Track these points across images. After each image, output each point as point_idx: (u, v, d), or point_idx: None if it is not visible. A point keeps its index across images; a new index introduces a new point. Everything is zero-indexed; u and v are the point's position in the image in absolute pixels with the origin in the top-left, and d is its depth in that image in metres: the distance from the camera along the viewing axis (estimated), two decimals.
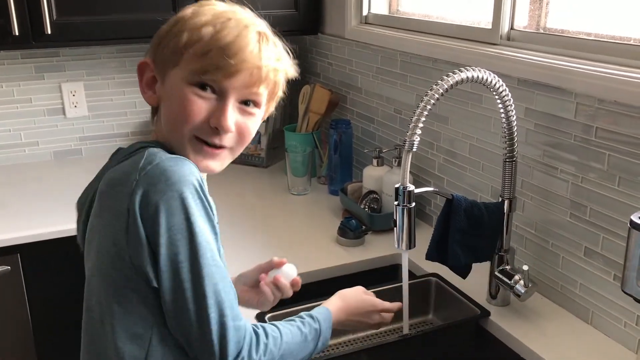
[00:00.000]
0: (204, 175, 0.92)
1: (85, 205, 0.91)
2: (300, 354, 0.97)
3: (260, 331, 0.91)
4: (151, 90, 0.91)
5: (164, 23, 0.92)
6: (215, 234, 0.86)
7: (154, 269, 0.82)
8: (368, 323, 1.18)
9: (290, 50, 0.95)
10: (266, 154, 2.30)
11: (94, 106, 2.30)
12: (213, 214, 0.86)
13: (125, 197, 0.80)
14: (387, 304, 1.20)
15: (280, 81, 0.92)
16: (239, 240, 1.66)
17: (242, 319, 0.87)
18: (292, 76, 0.95)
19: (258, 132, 2.30)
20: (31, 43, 1.87)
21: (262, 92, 0.90)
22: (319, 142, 2.12)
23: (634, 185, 1.15)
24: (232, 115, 0.87)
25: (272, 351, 0.90)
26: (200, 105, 0.86)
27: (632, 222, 0.87)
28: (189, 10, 0.90)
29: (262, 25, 0.91)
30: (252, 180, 2.19)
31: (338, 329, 1.10)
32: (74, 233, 1.66)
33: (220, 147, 0.89)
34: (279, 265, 1.12)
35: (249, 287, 1.13)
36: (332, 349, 1.38)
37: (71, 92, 2.25)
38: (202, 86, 0.86)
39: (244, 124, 0.90)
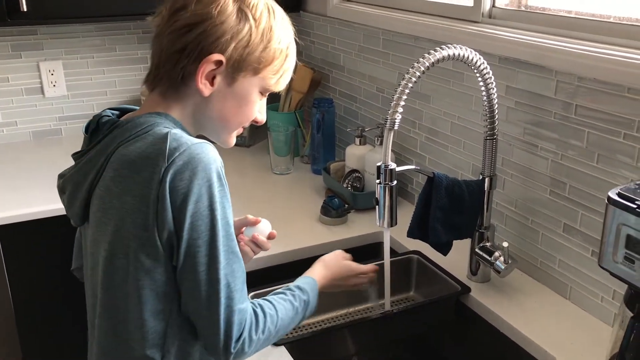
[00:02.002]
0: None
1: (86, 183, 0.90)
2: (291, 325, 1.02)
3: (259, 310, 0.95)
4: (208, 82, 0.92)
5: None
6: (231, 212, 0.91)
7: (177, 250, 0.86)
8: (347, 285, 1.25)
9: None
10: (248, 133, 2.29)
11: (74, 85, 2.27)
12: None
13: (155, 184, 0.83)
14: (363, 267, 1.26)
15: None
16: None
17: (246, 301, 0.92)
18: None
19: None
20: (6, 21, 1.84)
21: None
22: (301, 121, 2.11)
23: (612, 162, 1.16)
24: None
25: (270, 329, 0.95)
26: (258, 106, 1.00)
27: (609, 199, 0.88)
28: (266, 15, 0.93)
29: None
30: (234, 160, 2.18)
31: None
32: (54, 214, 1.67)
33: None
34: (254, 223, 1.16)
35: None
36: (315, 326, 1.40)
37: (49, 71, 2.21)
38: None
39: None
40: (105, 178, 0.88)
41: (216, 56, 0.90)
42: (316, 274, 1.15)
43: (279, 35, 0.95)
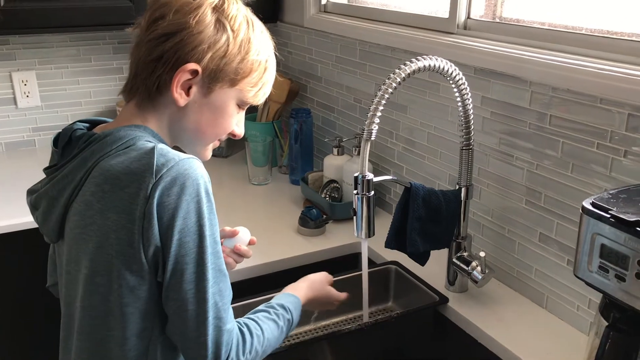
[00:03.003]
0: None
1: (63, 199, 0.88)
2: (276, 344, 1.02)
3: (246, 330, 0.94)
4: (184, 92, 0.91)
5: (137, 14, 0.94)
6: (218, 228, 0.90)
7: (163, 267, 0.85)
8: (322, 308, 1.28)
9: None
10: (226, 143, 2.28)
11: (47, 96, 2.23)
12: None
13: (141, 200, 0.81)
14: (340, 296, 1.26)
15: None
16: None
17: (232, 321, 0.91)
18: None
19: None
20: None
21: None
22: (279, 131, 2.11)
23: (586, 171, 1.17)
24: None
25: (257, 349, 0.95)
26: (235, 118, 0.98)
27: (583, 208, 0.89)
28: (245, 27, 0.93)
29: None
30: (211, 170, 2.13)
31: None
32: (27, 227, 1.64)
33: None
34: (232, 235, 1.15)
35: None
36: (294, 338, 1.39)
37: (22, 81, 2.18)
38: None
39: None
40: (85, 193, 0.86)
41: (192, 65, 0.88)
42: (301, 295, 1.13)
43: (257, 48, 0.94)
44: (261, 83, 0.97)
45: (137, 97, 0.93)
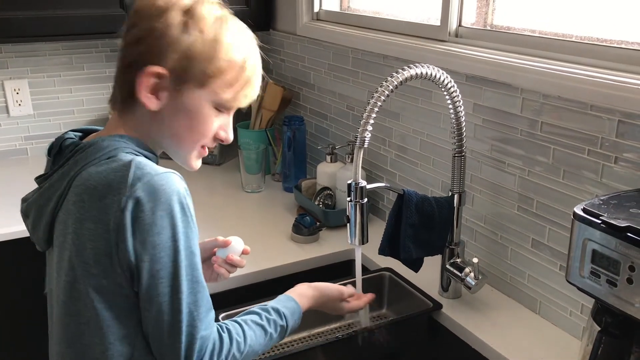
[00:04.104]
0: None
1: (49, 207, 0.89)
2: (262, 349, 1.00)
3: (225, 335, 0.94)
4: (154, 96, 0.90)
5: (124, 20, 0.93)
6: (197, 240, 0.90)
7: (138, 279, 0.86)
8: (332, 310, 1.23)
9: None
10: (219, 151, 2.28)
11: (40, 104, 2.23)
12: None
13: (116, 212, 0.82)
14: (358, 306, 1.24)
15: None
16: None
17: (209, 328, 0.91)
18: None
19: None
20: None
21: None
22: (272, 139, 2.11)
23: (577, 178, 1.18)
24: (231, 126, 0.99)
25: (235, 355, 0.94)
26: (216, 123, 0.95)
27: (575, 214, 0.90)
28: (212, 27, 0.90)
29: (258, 45, 0.98)
30: (205, 178, 2.16)
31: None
32: (17, 236, 1.63)
33: None
34: (225, 245, 1.14)
35: (203, 263, 1.15)
36: (287, 346, 1.38)
37: (15, 90, 2.17)
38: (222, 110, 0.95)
39: None
40: (68, 202, 0.87)
41: (154, 68, 0.88)
42: (305, 303, 1.11)
43: (229, 48, 0.91)
44: (239, 84, 0.93)
45: (118, 106, 0.94)
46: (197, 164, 0.99)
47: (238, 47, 0.92)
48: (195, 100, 0.91)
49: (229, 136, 0.98)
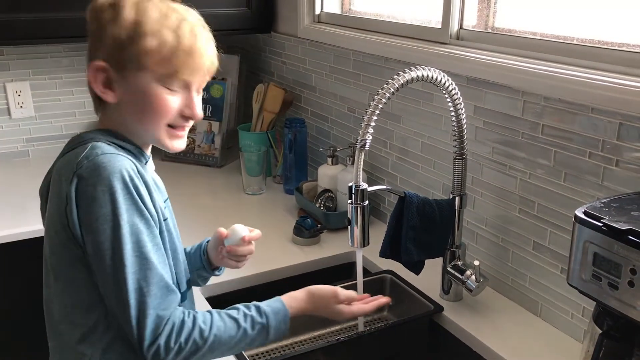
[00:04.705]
0: (151, 167, 1.03)
1: (45, 192, 0.98)
2: (235, 344, 0.98)
3: (188, 320, 0.94)
4: (108, 89, 0.95)
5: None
6: (150, 223, 0.92)
7: (85, 252, 0.91)
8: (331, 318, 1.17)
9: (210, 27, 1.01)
10: (220, 153, 2.28)
11: (41, 106, 2.23)
12: (154, 201, 0.94)
13: (66, 187, 0.89)
14: (354, 312, 1.16)
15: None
16: (194, 242, 1.63)
17: (168, 309, 0.92)
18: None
19: (212, 132, 2.28)
20: None
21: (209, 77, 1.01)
22: (273, 141, 2.11)
23: (578, 180, 1.18)
24: (199, 103, 0.99)
25: (196, 342, 0.94)
26: (173, 101, 0.96)
27: (576, 217, 0.90)
28: (130, 12, 0.92)
29: (200, 18, 0.99)
30: (206, 180, 2.16)
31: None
32: (19, 238, 1.63)
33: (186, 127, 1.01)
34: (220, 236, 1.15)
35: (217, 254, 1.17)
36: (288, 349, 1.38)
37: (16, 92, 2.18)
38: (172, 87, 0.95)
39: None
40: (50, 184, 0.95)
41: (95, 63, 0.93)
42: (295, 306, 1.07)
43: (153, 26, 0.92)
44: (178, 58, 0.93)
45: (96, 108, 1.02)
46: (174, 144, 1.00)
47: (163, 23, 0.93)
48: (140, 83, 0.94)
49: (194, 112, 0.98)
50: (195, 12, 0.98)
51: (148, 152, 1.02)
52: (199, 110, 0.99)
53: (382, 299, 1.20)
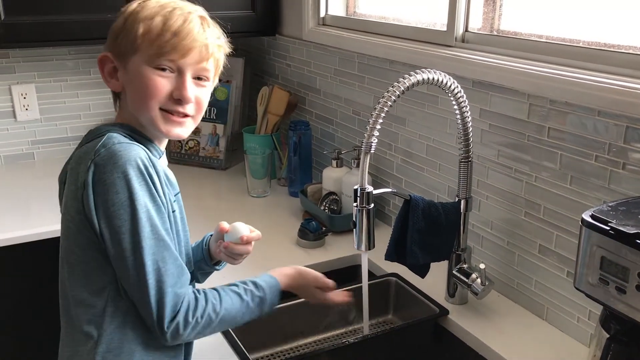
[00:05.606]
0: (164, 162, 1.06)
1: (63, 179, 1.01)
2: (240, 317, 1.04)
3: (201, 297, 1.00)
4: (114, 79, 1.02)
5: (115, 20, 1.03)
6: (161, 209, 0.96)
7: (103, 237, 0.94)
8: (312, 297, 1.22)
9: (224, 30, 1.06)
10: (225, 156, 2.28)
11: (47, 109, 2.24)
12: (164, 191, 0.97)
13: (83, 173, 0.92)
14: (328, 299, 1.22)
15: (222, 56, 1.06)
16: None
17: (183, 287, 0.97)
18: (228, 52, 1.08)
19: (217, 135, 2.28)
20: None
21: (210, 67, 1.03)
22: (278, 143, 2.11)
23: (584, 184, 1.18)
24: (191, 87, 1.01)
25: (210, 316, 0.99)
26: (163, 82, 0.98)
27: (583, 220, 0.89)
28: (134, 5, 1.01)
29: (202, 11, 1.03)
30: (211, 182, 2.17)
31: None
32: (25, 240, 1.64)
33: (185, 115, 1.02)
34: (221, 232, 1.18)
35: (216, 248, 1.20)
36: (293, 352, 1.38)
37: (22, 94, 2.18)
38: (162, 68, 0.98)
39: (199, 95, 1.03)
40: (68, 173, 0.99)
41: (102, 55, 1.01)
42: (282, 281, 1.13)
43: (140, 16, 0.98)
44: (165, 37, 0.96)
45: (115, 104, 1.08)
46: (170, 129, 1.01)
47: (159, 12, 0.99)
48: (135, 67, 0.98)
49: (183, 94, 0.99)
50: (200, 8, 1.03)
51: (162, 147, 1.07)
52: (187, 92, 0.99)
53: (345, 294, 1.24)
